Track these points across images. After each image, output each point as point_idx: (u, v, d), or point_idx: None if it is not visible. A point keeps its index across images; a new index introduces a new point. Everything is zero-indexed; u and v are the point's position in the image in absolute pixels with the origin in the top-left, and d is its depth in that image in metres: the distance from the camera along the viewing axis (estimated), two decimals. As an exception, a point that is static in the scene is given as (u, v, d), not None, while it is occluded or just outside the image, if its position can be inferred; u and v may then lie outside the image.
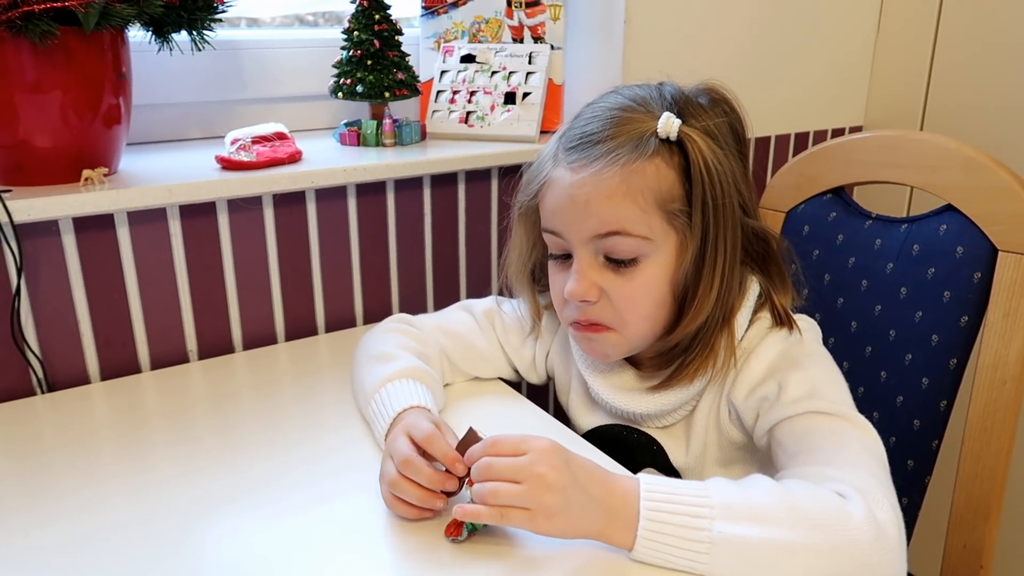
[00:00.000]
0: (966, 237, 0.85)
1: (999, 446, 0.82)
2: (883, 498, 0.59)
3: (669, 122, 0.68)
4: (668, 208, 0.68)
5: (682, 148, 0.68)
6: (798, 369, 0.70)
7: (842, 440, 0.65)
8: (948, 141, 0.88)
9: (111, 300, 0.92)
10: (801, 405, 0.67)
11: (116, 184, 0.86)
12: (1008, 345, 0.82)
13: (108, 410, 0.85)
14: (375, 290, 1.11)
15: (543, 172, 0.74)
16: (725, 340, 0.72)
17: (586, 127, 0.71)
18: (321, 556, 0.61)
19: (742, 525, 0.56)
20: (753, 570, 0.56)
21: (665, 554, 0.57)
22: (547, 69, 1.16)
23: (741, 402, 0.72)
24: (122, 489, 0.69)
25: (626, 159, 0.67)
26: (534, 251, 0.81)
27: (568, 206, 0.70)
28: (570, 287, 0.71)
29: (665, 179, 0.68)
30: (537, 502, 0.56)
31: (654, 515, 0.57)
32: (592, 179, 0.68)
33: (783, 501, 0.57)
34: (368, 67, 1.08)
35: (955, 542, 0.85)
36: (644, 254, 0.69)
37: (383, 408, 0.74)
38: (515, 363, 0.90)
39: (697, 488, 0.58)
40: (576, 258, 0.71)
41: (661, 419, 0.78)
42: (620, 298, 0.70)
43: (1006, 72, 1.31)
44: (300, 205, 1.02)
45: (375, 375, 0.78)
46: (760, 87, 1.36)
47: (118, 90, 0.87)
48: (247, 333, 1.02)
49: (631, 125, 0.69)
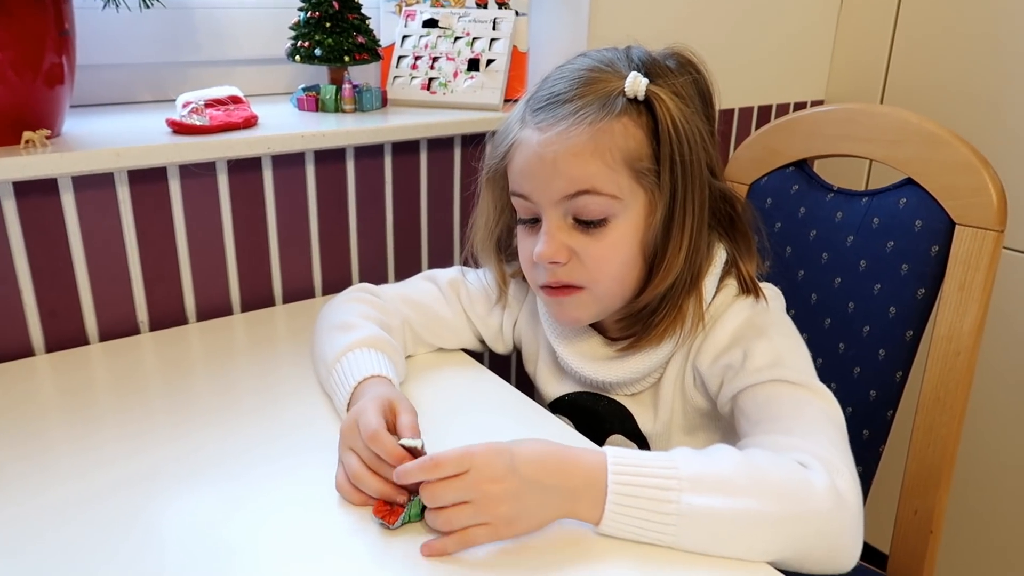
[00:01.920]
0: (925, 211, 0.86)
1: (951, 416, 0.84)
2: (843, 467, 0.60)
3: (636, 81, 0.68)
4: (636, 167, 0.68)
5: (650, 108, 0.68)
6: (763, 338, 0.70)
7: (804, 409, 0.66)
8: (909, 115, 0.88)
9: (55, 268, 0.88)
10: (764, 373, 0.68)
11: (59, 147, 0.82)
12: (962, 318, 0.83)
13: (54, 384, 0.82)
14: (334, 260, 1.08)
15: (511, 134, 0.73)
16: (693, 303, 0.72)
17: (553, 87, 0.71)
18: (280, 533, 0.59)
19: (709, 496, 0.56)
20: (718, 541, 0.56)
21: (633, 527, 0.57)
22: (512, 35, 1.13)
23: (706, 369, 0.73)
24: (70, 467, 0.67)
25: (593, 118, 0.67)
26: (501, 217, 0.81)
27: (536, 166, 0.69)
28: (539, 249, 0.70)
29: (633, 138, 0.68)
30: (492, 516, 0.56)
31: (622, 488, 0.56)
32: (560, 138, 0.68)
33: (747, 471, 0.58)
34: (327, 30, 1.04)
35: (907, 508, 0.88)
36: (613, 214, 0.69)
37: (343, 378, 0.73)
38: (481, 332, 0.89)
39: (664, 460, 0.58)
40: (545, 220, 0.71)
41: (629, 387, 0.78)
42: (590, 258, 0.70)
43: (966, 47, 1.33)
44: (256, 172, 0.99)
45: (335, 345, 0.76)
46: (724, 60, 1.35)
47: (60, 48, 0.83)
48: (201, 304, 0.99)
49: (598, 85, 0.69)
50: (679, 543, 0.57)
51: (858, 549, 0.59)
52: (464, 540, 0.56)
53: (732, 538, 0.56)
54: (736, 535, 0.56)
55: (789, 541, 0.57)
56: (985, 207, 0.81)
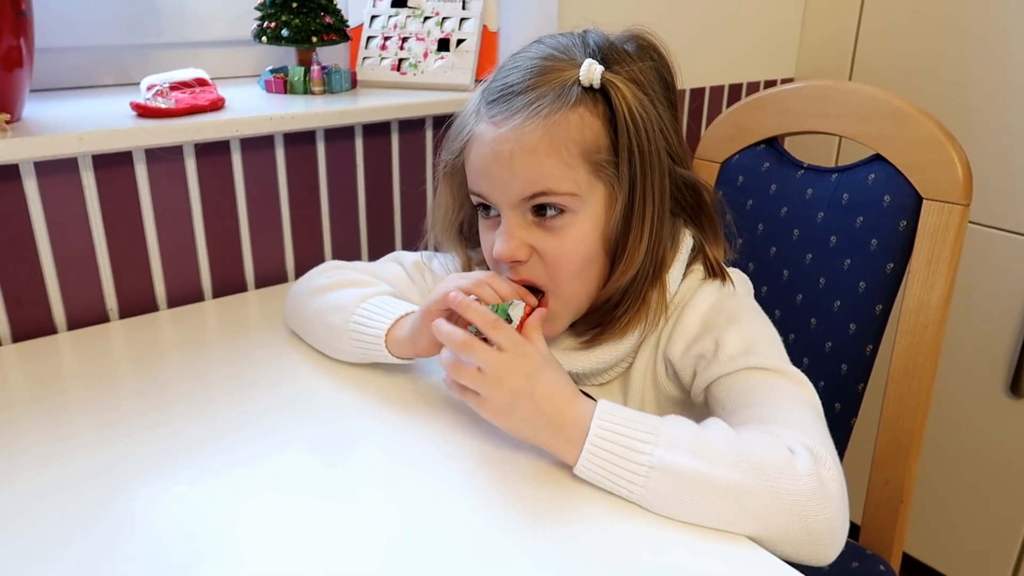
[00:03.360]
0: (893, 186, 0.87)
1: (920, 387, 0.86)
2: (827, 455, 0.59)
3: (591, 69, 0.66)
4: (594, 159, 0.67)
5: (606, 96, 0.67)
6: (733, 324, 0.70)
7: (779, 395, 0.65)
8: (877, 91, 0.89)
9: (20, 256, 0.86)
10: (738, 361, 0.68)
11: (20, 132, 0.80)
12: (930, 291, 0.84)
13: (21, 373, 0.80)
14: (306, 244, 1.07)
15: (466, 128, 0.71)
16: (657, 293, 0.72)
17: (507, 78, 0.68)
18: (255, 518, 0.59)
19: (683, 456, 0.57)
20: (686, 505, 0.57)
21: (605, 472, 0.58)
22: (481, 15, 1.12)
23: (678, 358, 0.72)
24: (40, 456, 0.66)
25: (548, 110, 0.65)
26: (461, 210, 0.79)
27: (493, 165, 0.68)
28: (499, 248, 0.69)
29: (590, 129, 0.66)
30: (487, 394, 0.62)
31: (602, 433, 0.59)
32: (514, 133, 0.66)
33: (730, 441, 0.58)
34: (293, 10, 1.03)
35: (878, 478, 0.89)
36: (572, 210, 0.68)
37: (379, 311, 0.75)
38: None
39: (652, 418, 0.60)
40: (504, 219, 0.69)
41: (598, 377, 0.78)
42: (551, 256, 0.69)
43: (932, 25, 1.34)
44: (224, 155, 0.97)
45: (351, 295, 0.78)
46: (695, 39, 1.36)
47: (18, 30, 0.81)
48: (171, 290, 0.98)
49: (553, 74, 0.67)
50: (646, 502, 0.58)
51: (841, 540, 0.57)
52: (459, 392, 0.64)
53: (700, 504, 0.56)
54: (705, 502, 0.56)
55: (762, 518, 0.56)
56: (951, 182, 0.82)
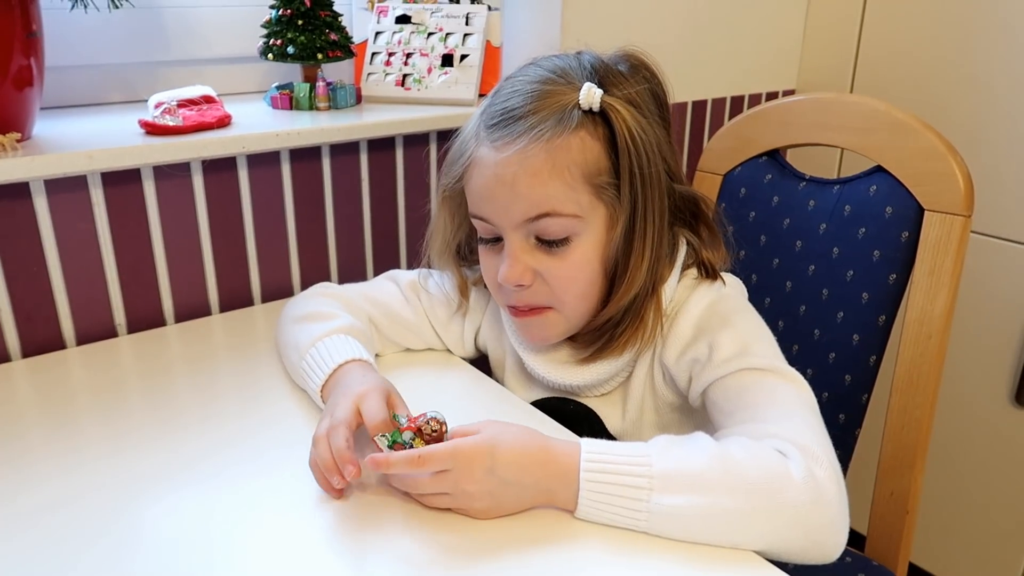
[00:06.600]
0: (895, 197, 0.87)
1: (924, 398, 0.86)
2: (822, 454, 0.59)
3: (591, 93, 0.67)
4: (595, 182, 0.68)
5: (606, 119, 0.67)
6: (727, 327, 0.70)
7: (776, 394, 0.66)
8: (878, 103, 0.90)
9: (30, 273, 0.87)
10: (733, 364, 0.68)
11: (30, 151, 0.81)
12: (933, 301, 0.85)
13: (31, 388, 0.81)
14: (312, 259, 1.08)
15: (466, 152, 0.72)
16: (653, 308, 0.72)
17: (507, 102, 0.69)
18: (260, 532, 0.59)
19: (680, 496, 0.56)
20: (691, 534, 0.57)
21: (608, 515, 0.58)
22: (484, 30, 1.13)
23: (673, 364, 0.73)
24: (51, 469, 0.66)
25: (550, 134, 0.66)
26: (459, 232, 0.80)
27: (496, 188, 0.68)
28: (503, 273, 0.70)
29: (591, 152, 0.67)
30: (468, 507, 0.60)
31: (593, 485, 0.58)
32: (517, 157, 0.67)
33: (722, 465, 0.58)
34: (299, 27, 1.04)
35: (883, 490, 0.89)
36: (575, 232, 0.69)
37: (320, 360, 0.73)
38: (442, 337, 0.88)
39: (638, 455, 0.59)
40: (507, 242, 0.70)
41: (598, 388, 0.78)
42: (555, 279, 0.70)
43: (933, 36, 1.35)
44: (231, 172, 0.98)
45: (310, 332, 0.77)
46: (697, 52, 1.37)
47: (28, 50, 0.82)
48: (179, 305, 0.98)
49: (553, 98, 0.68)
50: (653, 532, 0.58)
51: (842, 538, 0.58)
52: (441, 504, 0.61)
53: (705, 532, 0.57)
54: (709, 529, 0.57)
55: (765, 534, 0.57)
56: (952, 193, 0.83)
